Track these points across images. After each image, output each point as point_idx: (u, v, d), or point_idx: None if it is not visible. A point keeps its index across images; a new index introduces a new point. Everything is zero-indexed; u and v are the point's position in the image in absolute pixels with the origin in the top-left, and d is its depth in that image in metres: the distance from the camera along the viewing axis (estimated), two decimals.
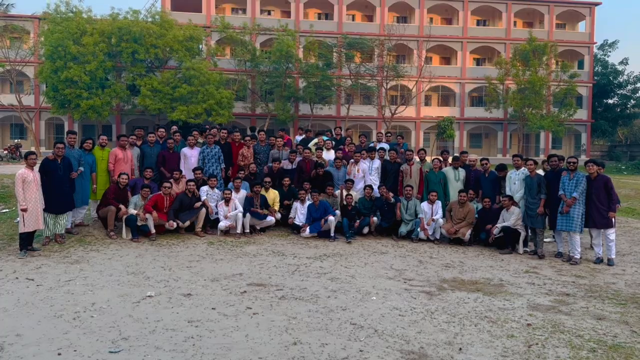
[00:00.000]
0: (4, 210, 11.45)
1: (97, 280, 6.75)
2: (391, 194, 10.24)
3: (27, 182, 7.92)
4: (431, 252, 9.11)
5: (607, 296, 6.55)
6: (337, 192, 10.37)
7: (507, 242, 9.12)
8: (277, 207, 10.33)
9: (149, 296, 6.08)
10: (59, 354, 4.39)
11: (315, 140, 12.24)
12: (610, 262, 8.32)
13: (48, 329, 4.99)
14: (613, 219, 8.34)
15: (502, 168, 9.89)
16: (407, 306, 5.86)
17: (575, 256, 8.35)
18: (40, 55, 32.32)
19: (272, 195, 10.38)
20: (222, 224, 9.79)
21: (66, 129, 37.33)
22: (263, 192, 10.25)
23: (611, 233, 8.36)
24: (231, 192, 9.98)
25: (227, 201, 9.88)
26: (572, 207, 8.29)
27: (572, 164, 8.45)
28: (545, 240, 9.35)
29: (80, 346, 4.56)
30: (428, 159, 11.47)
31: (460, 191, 9.85)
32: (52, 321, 5.20)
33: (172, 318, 5.33)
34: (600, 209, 8.28)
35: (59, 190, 8.51)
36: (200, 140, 11.40)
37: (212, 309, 5.66)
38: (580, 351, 4.64)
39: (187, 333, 4.91)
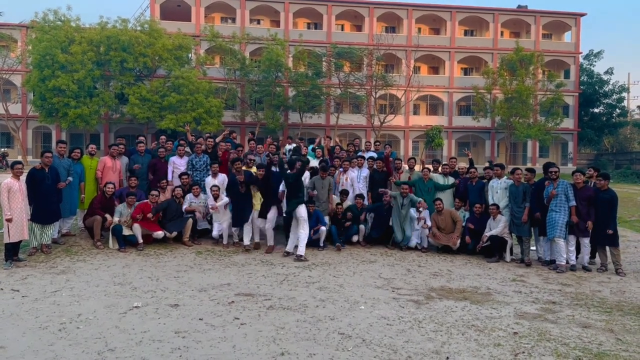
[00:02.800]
0: None
1: (83, 290, 6.69)
2: (389, 193, 10.08)
3: (13, 191, 7.85)
4: (419, 260, 9.15)
5: (592, 304, 6.61)
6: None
7: (494, 250, 9.19)
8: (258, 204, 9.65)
9: (135, 307, 6.04)
10: None
11: (312, 145, 12.54)
12: (586, 268, 8.54)
13: (33, 340, 4.93)
14: (589, 230, 8.49)
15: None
16: (395, 315, 5.87)
17: (561, 262, 8.42)
18: (27, 64, 32.13)
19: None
20: (216, 232, 9.76)
21: (54, 138, 37.09)
22: (246, 168, 9.84)
23: (586, 241, 8.59)
24: (218, 188, 9.71)
25: (216, 198, 9.70)
26: (557, 213, 8.39)
27: (553, 173, 8.60)
28: (531, 248, 9.43)
29: (65, 358, 4.51)
30: (417, 167, 11.51)
31: (435, 199, 9.93)
32: (37, 333, 5.14)
33: (159, 329, 5.29)
34: (581, 217, 8.44)
35: (47, 200, 8.43)
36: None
37: (200, 319, 5.63)
38: (565, 359, 4.68)
39: (174, 344, 4.88)
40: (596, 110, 48.69)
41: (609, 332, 5.46)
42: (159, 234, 9.38)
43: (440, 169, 10.99)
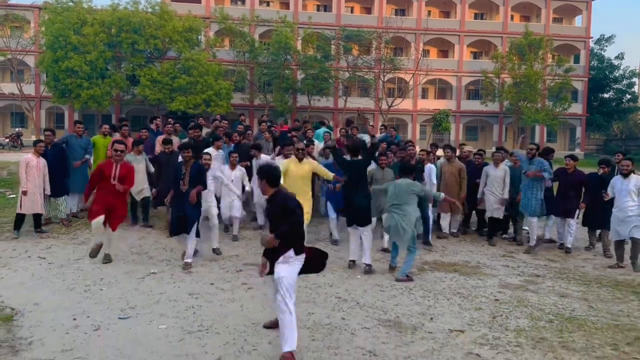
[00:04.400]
0: (12, 196, 11.96)
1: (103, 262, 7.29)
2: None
3: (30, 167, 8.44)
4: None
5: (573, 277, 7.11)
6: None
7: (491, 230, 9.40)
8: None
9: (152, 273, 6.63)
10: (74, 319, 4.94)
11: (324, 129, 12.57)
12: (568, 250, 8.69)
13: (62, 299, 5.54)
14: (578, 210, 8.74)
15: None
16: (388, 283, 6.41)
17: (531, 243, 8.69)
18: (40, 45, 32.61)
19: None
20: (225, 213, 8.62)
21: (67, 118, 37.78)
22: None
23: (572, 223, 8.74)
24: (237, 156, 8.80)
25: (233, 166, 8.72)
26: (530, 191, 8.59)
27: (530, 150, 8.65)
28: (524, 228, 9.87)
29: (92, 313, 5.10)
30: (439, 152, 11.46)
31: (445, 146, 9.83)
32: (66, 293, 5.75)
33: (175, 291, 5.88)
34: (569, 199, 8.75)
35: (50, 175, 8.83)
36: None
37: (211, 284, 6.22)
38: (539, 322, 5.20)
39: (188, 303, 5.47)
40: (606, 95, 48.47)
41: (583, 301, 5.97)
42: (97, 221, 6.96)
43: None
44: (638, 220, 7.55)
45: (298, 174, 7.49)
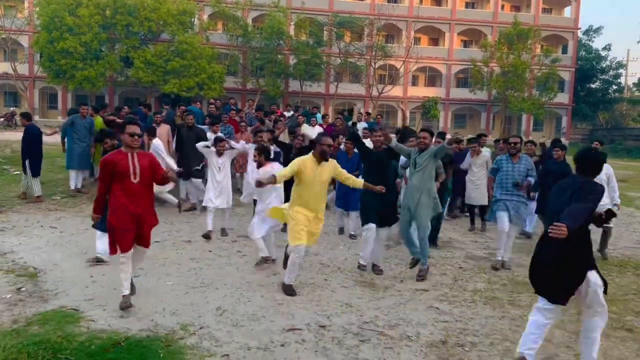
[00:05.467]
0: (16, 172, 12.58)
1: None
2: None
3: None
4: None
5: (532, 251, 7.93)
6: None
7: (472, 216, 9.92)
8: None
9: (156, 242, 7.34)
10: (91, 276, 5.69)
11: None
12: (528, 235, 8.99)
13: (78, 261, 6.27)
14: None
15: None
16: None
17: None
18: (35, 26, 32.79)
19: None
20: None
21: (60, 98, 38.07)
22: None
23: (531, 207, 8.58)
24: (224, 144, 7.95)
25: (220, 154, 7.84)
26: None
27: (513, 145, 7.24)
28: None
29: (107, 272, 5.85)
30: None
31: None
32: (80, 256, 6.48)
33: (177, 256, 6.64)
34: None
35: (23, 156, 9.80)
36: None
37: (209, 251, 6.98)
38: (494, 285, 6.02)
39: (190, 266, 6.24)
40: (592, 85, 49.48)
41: None
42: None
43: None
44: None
45: (318, 179, 5.49)
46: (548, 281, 3.89)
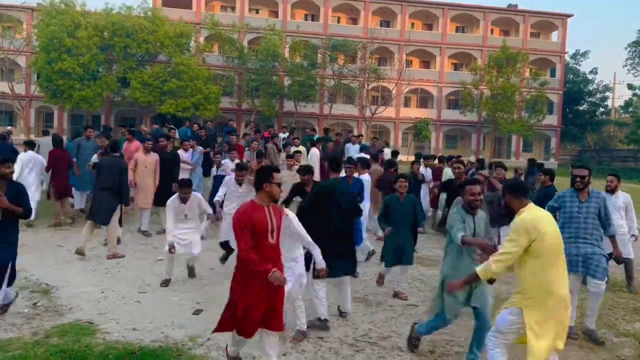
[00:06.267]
0: None
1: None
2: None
3: None
4: None
5: None
6: None
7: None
8: None
9: (160, 260, 7.72)
10: (102, 292, 6.05)
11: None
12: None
13: (88, 278, 6.63)
14: None
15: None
16: (362, 272, 7.60)
17: None
18: (34, 46, 33.30)
19: None
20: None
21: (56, 117, 38.47)
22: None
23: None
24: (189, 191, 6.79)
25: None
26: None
27: (580, 180, 5.39)
28: None
29: (116, 289, 6.21)
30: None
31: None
32: (90, 273, 6.84)
33: (181, 274, 6.99)
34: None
35: None
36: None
37: (211, 269, 7.36)
38: None
39: (193, 283, 6.62)
40: (580, 108, 50.64)
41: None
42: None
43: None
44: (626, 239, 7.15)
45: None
46: None
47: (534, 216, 3.72)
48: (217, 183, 8.78)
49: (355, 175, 8.21)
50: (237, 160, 9.41)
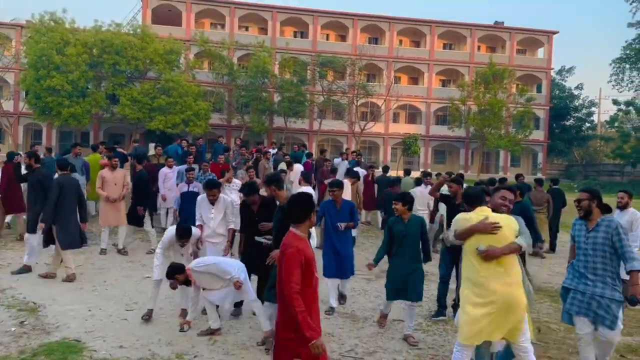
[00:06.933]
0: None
1: (103, 266, 8.36)
2: None
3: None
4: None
5: None
6: None
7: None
8: None
9: (147, 277, 7.72)
10: (89, 310, 6.04)
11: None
12: None
13: (75, 296, 6.62)
14: None
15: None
16: (349, 287, 7.65)
17: None
18: (22, 64, 33.24)
19: None
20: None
21: (44, 134, 38.29)
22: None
23: None
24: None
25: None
26: None
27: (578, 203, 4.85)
28: None
29: (103, 306, 6.22)
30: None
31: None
32: (77, 291, 6.83)
33: (167, 291, 6.97)
34: None
35: None
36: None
37: None
38: None
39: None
40: (567, 123, 51.39)
41: None
42: None
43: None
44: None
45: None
46: None
47: (463, 216, 4.31)
48: (186, 201, 8.47)
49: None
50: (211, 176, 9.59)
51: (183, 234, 6.09)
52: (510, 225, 4.13)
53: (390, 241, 5.78)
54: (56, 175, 8.22)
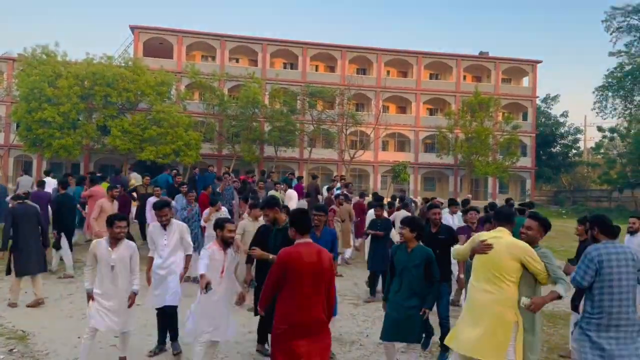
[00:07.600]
0: None
1: None
2: None
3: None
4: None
5: None
6: None
7: None
8: None
9: (137, 305, 7.76)
10: (79, 337, 6.08)
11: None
12: None
13: (64, 324, 6.67)
14: None
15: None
16: (338, 310, 7.75)
17: None
18: (14, 96, 33.42)
19: None
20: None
21: (35, 166, 38.27)
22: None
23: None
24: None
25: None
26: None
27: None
28: None
29: None
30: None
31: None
32: (66, 320, 6.88)
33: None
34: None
35: None
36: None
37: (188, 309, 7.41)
38: None
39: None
40: (553, 150, 52.23)
41: None
42: None
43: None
44: None
45: None
46: None
47: (477, 235, 4.62)
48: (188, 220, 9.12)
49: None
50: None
51: (162, 205, 5.90)
52: (511, 250, 4.20)
53: (392, 271, 5.23)
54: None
